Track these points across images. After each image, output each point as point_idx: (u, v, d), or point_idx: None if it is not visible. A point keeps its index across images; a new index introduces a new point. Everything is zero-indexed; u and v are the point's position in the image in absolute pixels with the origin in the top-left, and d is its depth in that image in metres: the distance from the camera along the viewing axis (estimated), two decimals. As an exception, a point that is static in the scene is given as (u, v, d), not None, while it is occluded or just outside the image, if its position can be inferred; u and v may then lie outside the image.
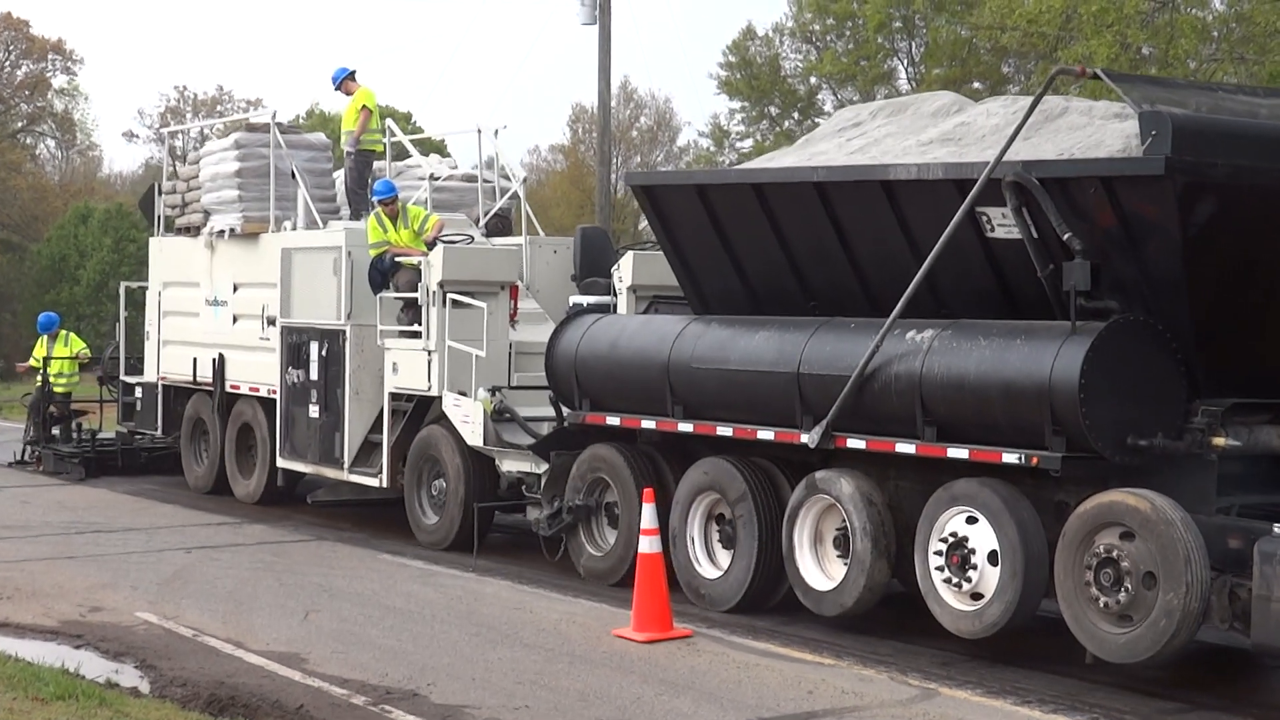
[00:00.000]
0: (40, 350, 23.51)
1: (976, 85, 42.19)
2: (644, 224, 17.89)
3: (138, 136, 77.00)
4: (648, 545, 11.93)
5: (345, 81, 18.49)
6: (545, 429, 15.25)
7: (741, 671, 10.85)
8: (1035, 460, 10.53)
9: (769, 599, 12.72)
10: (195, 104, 69.99)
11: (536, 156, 61.54)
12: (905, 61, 44.51)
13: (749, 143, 47.30)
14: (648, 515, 12.05)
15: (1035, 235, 10.82)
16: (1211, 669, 11.37)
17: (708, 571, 13.02)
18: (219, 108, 69.19)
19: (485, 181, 19.15)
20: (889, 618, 12.27)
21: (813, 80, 45.64)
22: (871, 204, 11.80)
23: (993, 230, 11.17)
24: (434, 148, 25.35)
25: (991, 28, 32.99)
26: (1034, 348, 10.57)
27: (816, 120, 44.98)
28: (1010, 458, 10.70)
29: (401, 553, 15.86)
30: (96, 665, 10.97)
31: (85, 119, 66.01)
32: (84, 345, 23.98)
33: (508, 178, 19.59)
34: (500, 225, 18.70)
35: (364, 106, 18.19)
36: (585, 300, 16.69)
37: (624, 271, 16.30)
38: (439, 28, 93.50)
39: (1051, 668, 10.96)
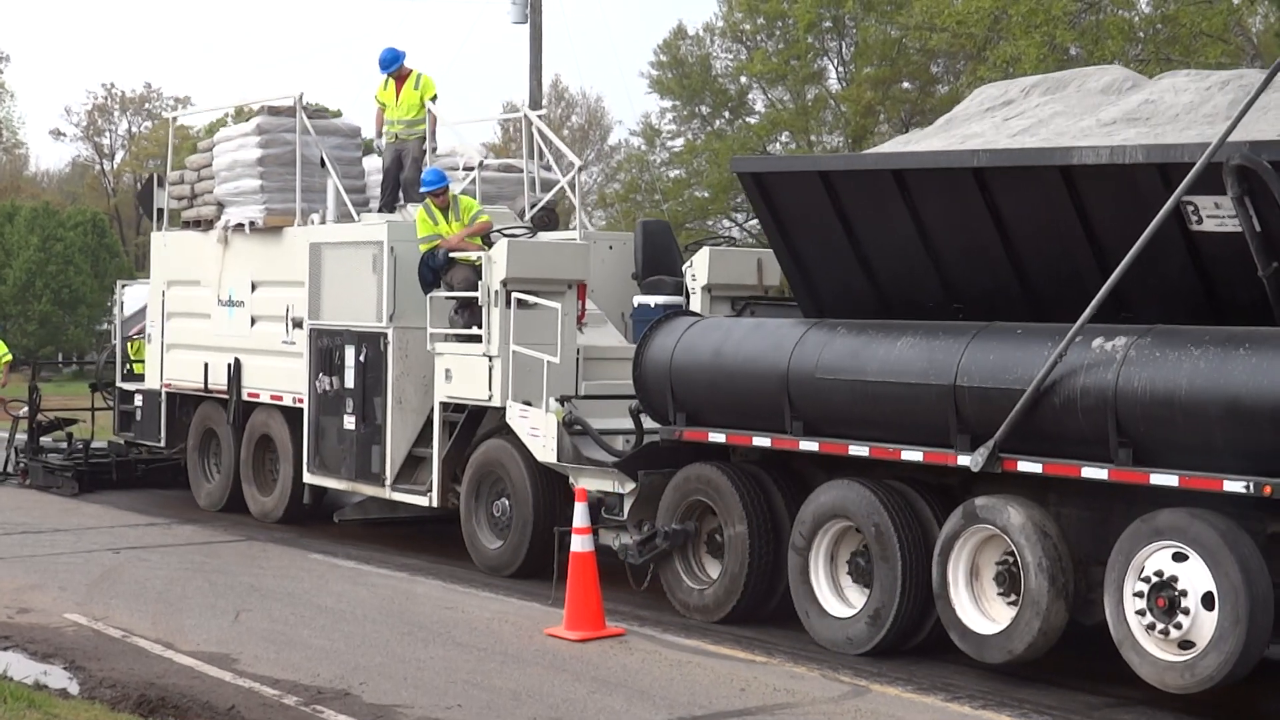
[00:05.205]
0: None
1: (906, 85, 42.07)
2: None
3: (65, 134, 75.29)
4: (580, 544, 11.77)
5: (400, 65, 16.80)
6: (620, 443, 13.74)
7: (674, 669, 10.82)
8: (1268, 490, 9.07)
9: (910, 640, 11.23)
10: (123, 101, 68.94)
11: (451, 156, 60.07)
12: (835, 61, 44.52)
13: (680, 142, 47.02)
14: (579, 514, 11.89)
15: (1259, 228, 9.37)
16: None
17: (836, 609, 11.51)
18: (146, 105, 68.03)
19: (524, 171, 17.57)
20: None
21: (743, 80, 45.45)
22: (1045, 192, 10.32)
23: (1200, 222, 9.72)
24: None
25: (921, 28, 33.16)
26: (1267, 359, 9.11)
27: (748, 119, 44.34)
28: (1234, 486, 9.23)
29: (333, 552, 15.67)
30: (24, 667, 10.81)
31: (11, 117, 65.81)
32: None
33: (548, 168, 18.00)
34: (547, 219, 17.10)
35: (434, 95, 16.58)
36: (652, 301, 15.23)
37: (698, 269, 14.88)
38: (368, 27, 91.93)
39: (981, 665, 10.66)
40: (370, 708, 9.75)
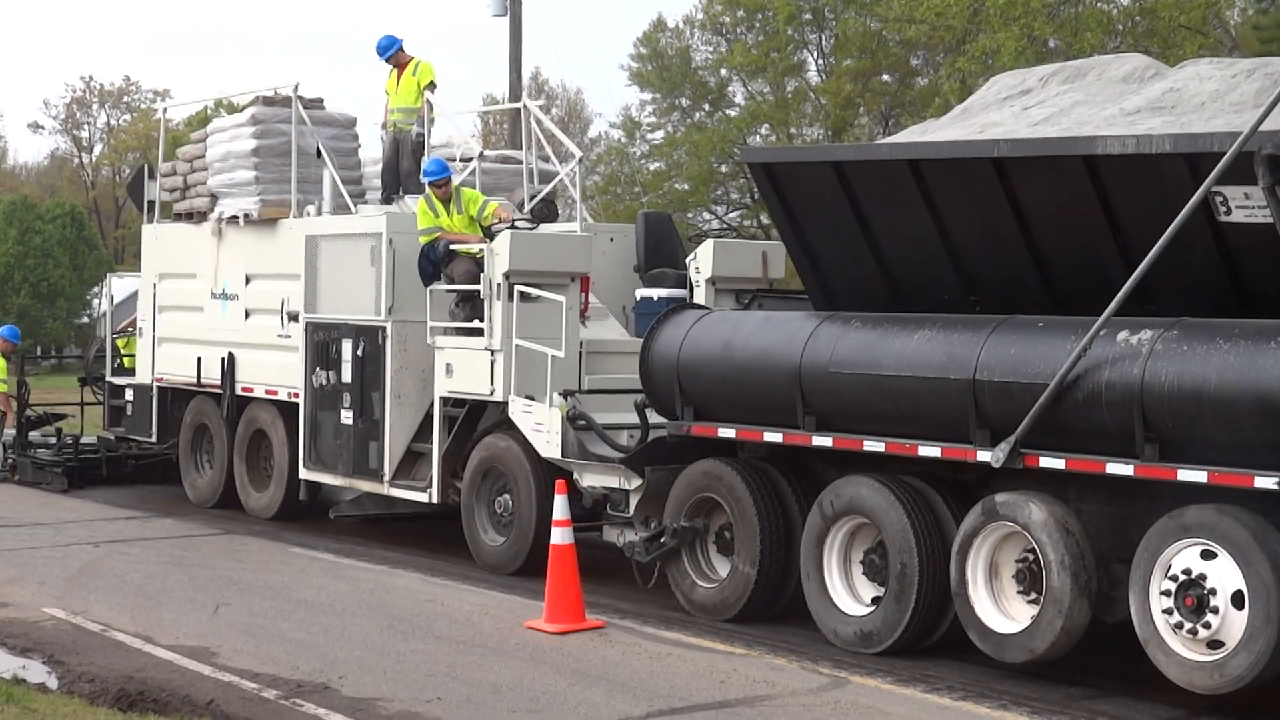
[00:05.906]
0: None
1: (885, 78, 42.00)
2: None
3: (43, 127, 74.97)
4: (560, 537, 11.73)
5: (397, 53, 16.54)
6: (624, 438, 13.51)
7: (654, 662, 10.82)
8: (1301, 486, 8.89)
9: (926, 639, 11.02)
10: (102, 94, 68.68)
11: (447, 148, 59.85)
12: (815, 54, 44.66)
13: (660, 134, 47.10)
14: (559, 506, 11.88)
15: (1291, 219, 9.17)
16: (1117, 652, 10.34)
17: (849, 607, 11.30)
18: (125, 98, 67.76)
19: (522, 163, 17.33)
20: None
21: (723, 72, 45.64)
22: (1068, 182, 10.11)
23: (1228, 213, 9.52)
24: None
25: (900, 20, 33.08)
26: (1299, 352, 8.93)
27: (728, 111, 44.32)
28: (1265, 482, 9.04)
29: (312, 546, 15.56)
30: (3, 661, 10.79)
31: (-11, 110, 65.21)
32: None
33: (546, 159, 17.76)
34: (546, 211, 16.83)
35: (432, 83, 16.32)
36: (655, 294, 15.03)
37: (702, 261, 14.69)
38: (348, 20, 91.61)
39: (960, 656, 10.70)
40: (350, 701, 9.72)
